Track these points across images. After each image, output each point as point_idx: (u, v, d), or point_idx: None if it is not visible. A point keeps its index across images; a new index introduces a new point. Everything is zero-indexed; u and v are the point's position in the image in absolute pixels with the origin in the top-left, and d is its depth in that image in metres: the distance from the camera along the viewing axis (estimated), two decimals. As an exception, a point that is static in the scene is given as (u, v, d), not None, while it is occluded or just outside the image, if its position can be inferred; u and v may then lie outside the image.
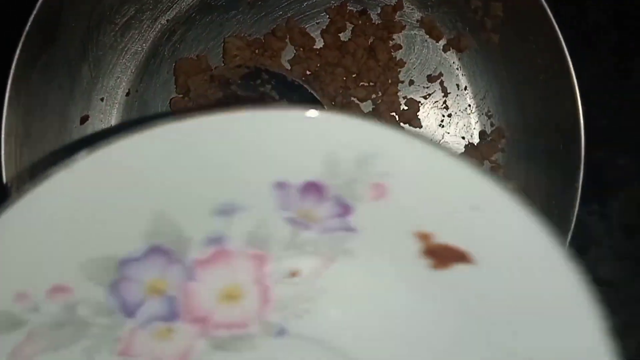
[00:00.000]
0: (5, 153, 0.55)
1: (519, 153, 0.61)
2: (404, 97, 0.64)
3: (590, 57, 0.71)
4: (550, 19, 0.53)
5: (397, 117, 0.64)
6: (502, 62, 0.61)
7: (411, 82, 0.64)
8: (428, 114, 0.64)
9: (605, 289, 0.72)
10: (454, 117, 0.64)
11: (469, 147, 0.63)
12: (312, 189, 0.36)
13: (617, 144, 0.73)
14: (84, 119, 0.63)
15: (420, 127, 0.64)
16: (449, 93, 0.64)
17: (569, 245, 0.55)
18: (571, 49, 0.52)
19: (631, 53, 0.73)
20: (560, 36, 0.52)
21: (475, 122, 0.64)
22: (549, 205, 0.57)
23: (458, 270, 0.37)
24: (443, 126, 0.64)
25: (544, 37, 0.54)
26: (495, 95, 0.63)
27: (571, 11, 0.52)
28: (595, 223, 0.74)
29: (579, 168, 0.53)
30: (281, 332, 0.41)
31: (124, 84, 0.65)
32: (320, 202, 0.36)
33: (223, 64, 0.64)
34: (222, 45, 0.64)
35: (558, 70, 0.53)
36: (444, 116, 0.64)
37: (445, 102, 0.64)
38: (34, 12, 0.54)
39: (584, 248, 0.75)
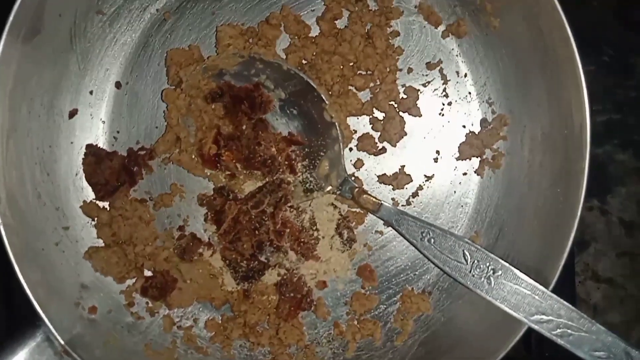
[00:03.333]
0: (-9, 148, 0.53)
1: (522, 141, 0.59)
2: (402, 85, 0.62)
3: (591, 53, 0.70)
4: (555, 4, 0.51)
5: (395, 105, 0.62)
6: (504, 47, 0.59)
7: (410, 70, 0.62)
8: (427, 102, 0.62)
9: (604, 286, 0.72)
10: (454, 105, 0.62)
11: (470, 135, 0.62)
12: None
13: (617, 140, 0.72)
14: (72, 113, 0.61)
15: (420, 115, 0.62)
16: (449, 80, 0.62)
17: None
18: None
19: (632, 49, 0.72)
20: (565, 19, 0.50)
21: (476, 110, 0.62)
22: (552, 193, 0.56)
23: None
24: (443, 114, 0.63)
25: (548, 19, 0.52)
26: (496, 82, 0.61)
27: (572, 7, 0.51)
28: (595, 219, 0.73)
29: (584, 156, 0.52)
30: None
31: (113, 75, 0.63)
32: None
33: (216, 54, 0.62)
34: (215, 34, 0.62)
35: (563, 55, 0.52)
36: (443, 104, 0.63)
37: (445, 89, 0.62)
38: (17, 2, 0.52)
39: (584, 244, 0.74)
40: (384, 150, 0.63)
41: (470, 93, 0.62)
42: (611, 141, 0.72)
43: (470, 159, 0.62)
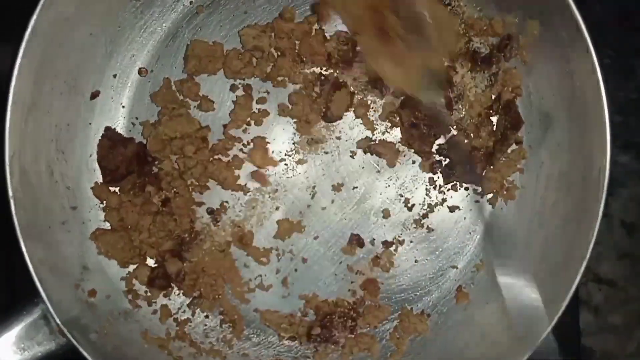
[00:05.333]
0: (10, 121, 0.53)
1: (538, 176, 0.59)
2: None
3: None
4: (587, 42, 0.52)
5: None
6: (531, 82, 0.59)
7: (433, 93, 0.63)
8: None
9: (605, 288, 0.72)
10: (475, 131, 0.63)
11: (489, 169, 0.62)
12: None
13: (618, 142, 0.72)
14: (94, 95, 0.61)
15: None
16: (472, 107, 0.63)
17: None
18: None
19: (633, 52, 0.72)
20: (598, 66, 0.51)
21: (497, 140, 0.63)
22: (562, 233, 0.56)
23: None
24: (463, 141, 0.63)
25: (581, 63, 0.52)
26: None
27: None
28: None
29: (599, 201, 0.52)
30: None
31: (138, 62, 0.62)
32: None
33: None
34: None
35: (591, 100, 0.52)
36: (465, 131, 0.63)
37: (468, 116, 0.63)
38: (53, -21, 0.52)
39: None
40: (400, 168, 0.63)
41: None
42: (612, 143, 0.72)
43: (489, 194, 0.63)
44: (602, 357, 0.71)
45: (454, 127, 0.61)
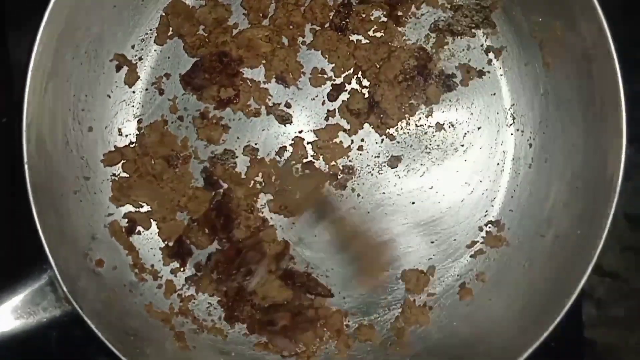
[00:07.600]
0: (29, 88, 0.53)
1: (552, 176, 0.60)
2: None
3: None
4: (609, 44, 0.52)
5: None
6: (550, 84, 0.60)
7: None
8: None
9: (608, 280, 0.71)
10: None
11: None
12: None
13: None
14: (119, 67, 0.61)
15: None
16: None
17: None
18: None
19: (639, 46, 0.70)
20: (619, 72, 0.51)
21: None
22: (572, 235, 0.56)
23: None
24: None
25: (602, 68, 0.53)
26: (535, 116, 0.61)
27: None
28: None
29: (611, 205, 0.52)
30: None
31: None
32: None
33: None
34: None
35: (609, 105, 0.52)
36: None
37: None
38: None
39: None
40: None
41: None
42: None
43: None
44: (604, 349, 0.70)
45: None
